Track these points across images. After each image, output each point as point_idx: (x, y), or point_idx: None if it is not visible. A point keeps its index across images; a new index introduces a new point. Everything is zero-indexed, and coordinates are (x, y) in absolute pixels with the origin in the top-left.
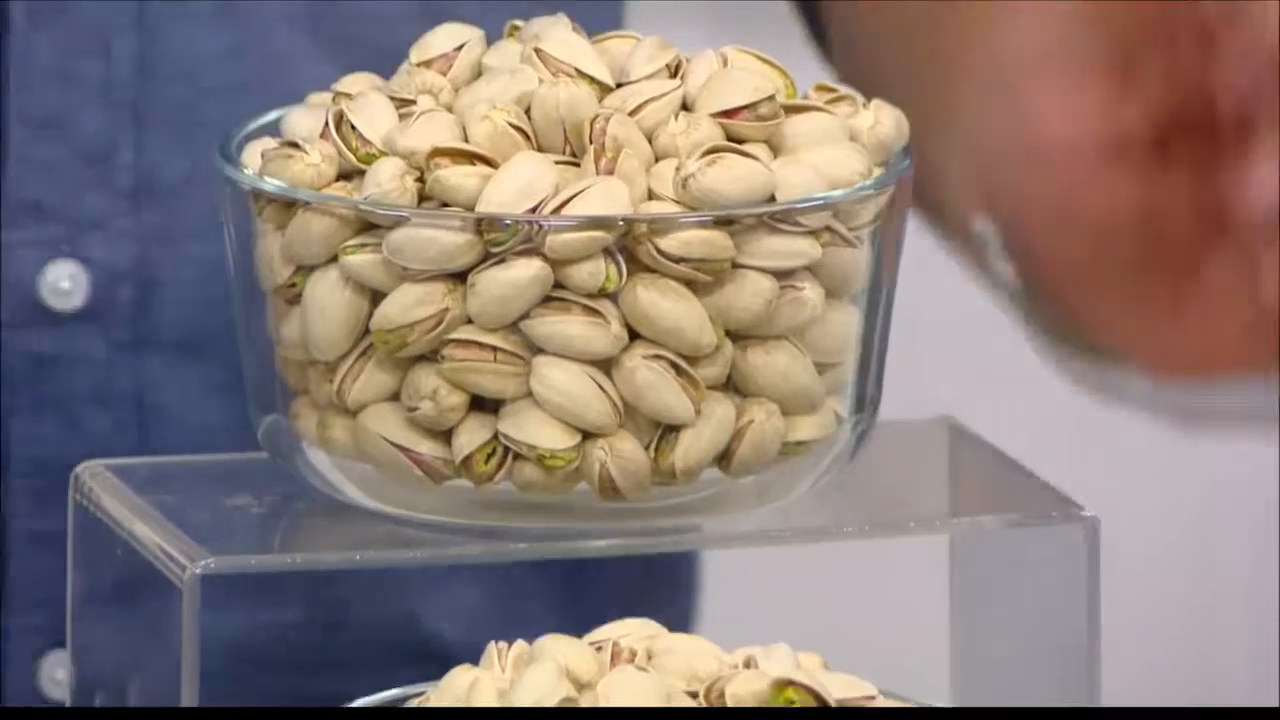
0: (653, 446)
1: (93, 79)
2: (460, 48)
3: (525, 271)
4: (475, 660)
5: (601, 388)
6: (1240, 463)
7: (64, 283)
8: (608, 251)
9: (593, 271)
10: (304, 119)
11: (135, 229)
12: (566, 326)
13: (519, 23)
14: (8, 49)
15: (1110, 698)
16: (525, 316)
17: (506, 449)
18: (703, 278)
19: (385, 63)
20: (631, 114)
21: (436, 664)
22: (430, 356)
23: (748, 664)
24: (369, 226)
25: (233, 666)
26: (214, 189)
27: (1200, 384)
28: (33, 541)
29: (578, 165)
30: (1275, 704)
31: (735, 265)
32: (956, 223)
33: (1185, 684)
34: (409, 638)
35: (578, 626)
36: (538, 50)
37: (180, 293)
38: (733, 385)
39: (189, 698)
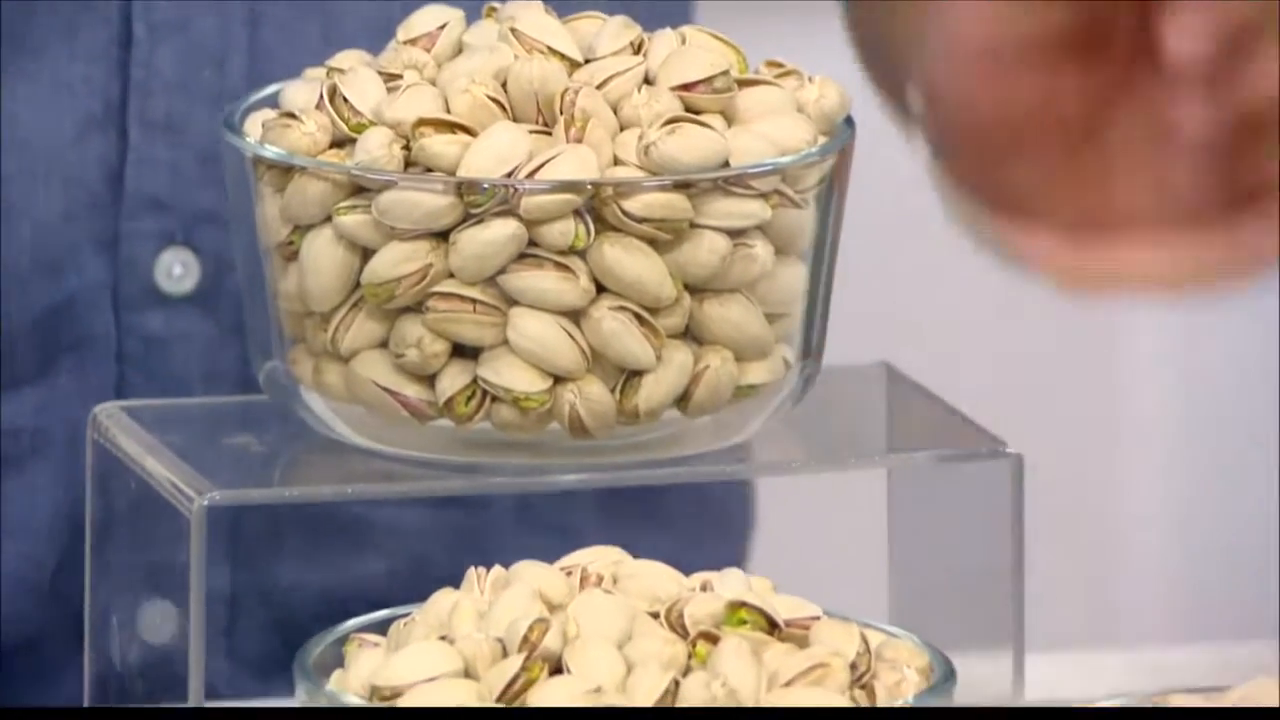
0: (618, 390)
1: (208, 89)
2: (442, 27)
3: (502, 231)
4: None
5: (571, 336)
6: (1150, 396)
7: (176, 269)
8: (577, 212)
9: (563, 231)
10: (300, 92)
11: None
12: (539, 281)
13: (496, 4)
14: (131, 61)
15: (1033, 610)
16: (502, 272)
17: (485, 392)
18: (663, 236)
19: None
20: (598, 87)
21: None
22: (415, 308)
23: (704, 587)
24: (360, 190)
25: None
26: (220, 156)
27: (1108, 247)
28: None
29: (549, 134)
30: (1182, 627)
31: (693, 225)
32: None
33: (1097, 605)
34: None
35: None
36: (513, 29)
37: None
38: (690, 334)
39: (196, 620)
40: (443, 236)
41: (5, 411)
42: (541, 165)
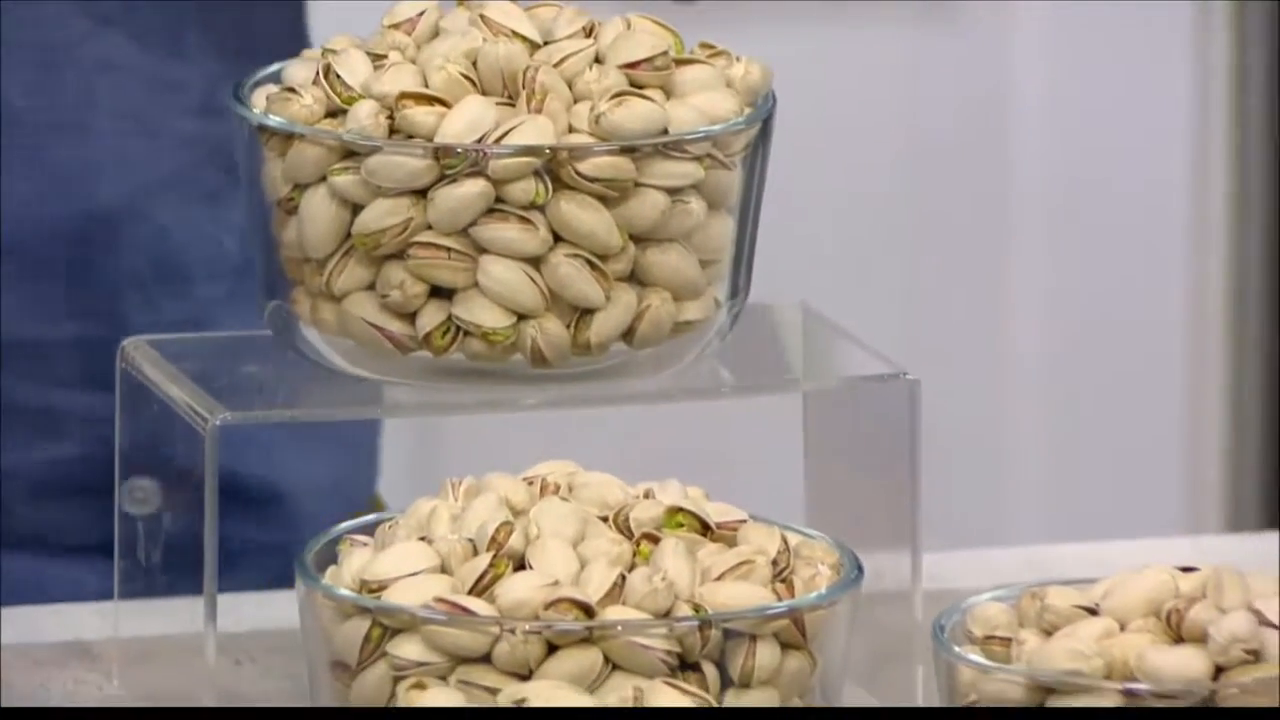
0: (572, 325)
1: None
2: (421, 14)
3: (472, 189)
4: None
5: (532, 279)
6: (1030, 328)
7: None
8: (537, 173)
9: (525, 189)
10: (299, 69)
11: None
12: (505, 231)
13: None
14: None
15: (929, 513)
16: (473, 224)
17: (458, 327)
18: (611, 194)
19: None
20: (556, 66)
21: None
22: (398, 255)
23: (647, 495)
24: (351, 154)
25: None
26: (229, 125)
27: None
28: None
29: (513, 106)
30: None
31: (636, 184)
32: None
33: (984, 509)
34: None
35: None
36: (482, 16)
37: None
38: (635, 277)
39: (210, 522)
40: (422, 194)
41: None
42: (506, 132)
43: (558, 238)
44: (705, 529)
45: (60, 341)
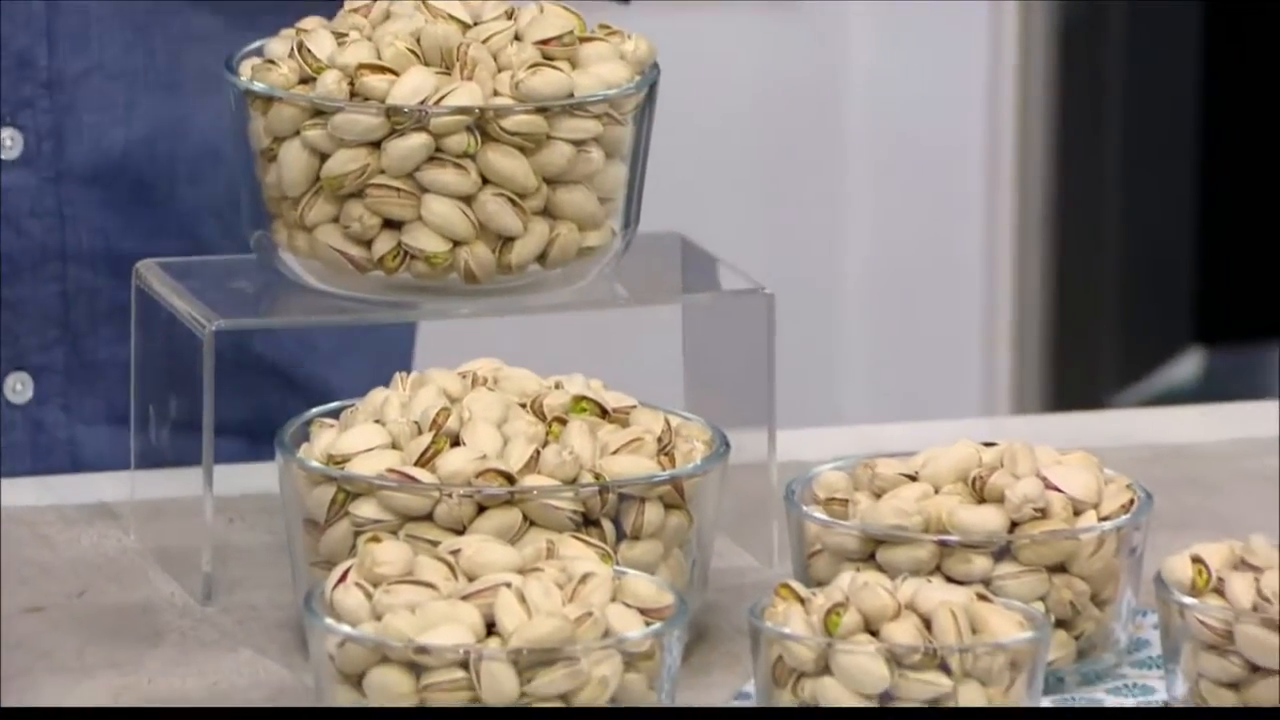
0: (497, 250)
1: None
2: (376, 0)
3: (417, 141)
4: None
5: (465, 213)
6: (859, 249)
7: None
8: (469, 128)
9: (459, 141)
10: (278, 45)
11: None
12: (443, 175)
13: None
14: None
15: (782, 398)
16: (417, 169)
17: (406, 252)
18: (528, 145)
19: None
20: (483, 42)
21: None
22: (358, 194)
23: (557, 386)
24: (319, 113)
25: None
26: (223, 90)
27: None
28: None
29: (449, 75)
30: (887, 410)
31: (548, 137)
32: None
33: (826, 395)
34: None
35: None
36: (425, 2)
37: None
38: (547, 212)
39: (208, 413)
40: (376, 145)
41: None
42: (444, 96)
43: (485, 180)
44: (604, 413)
45: (154, 255)
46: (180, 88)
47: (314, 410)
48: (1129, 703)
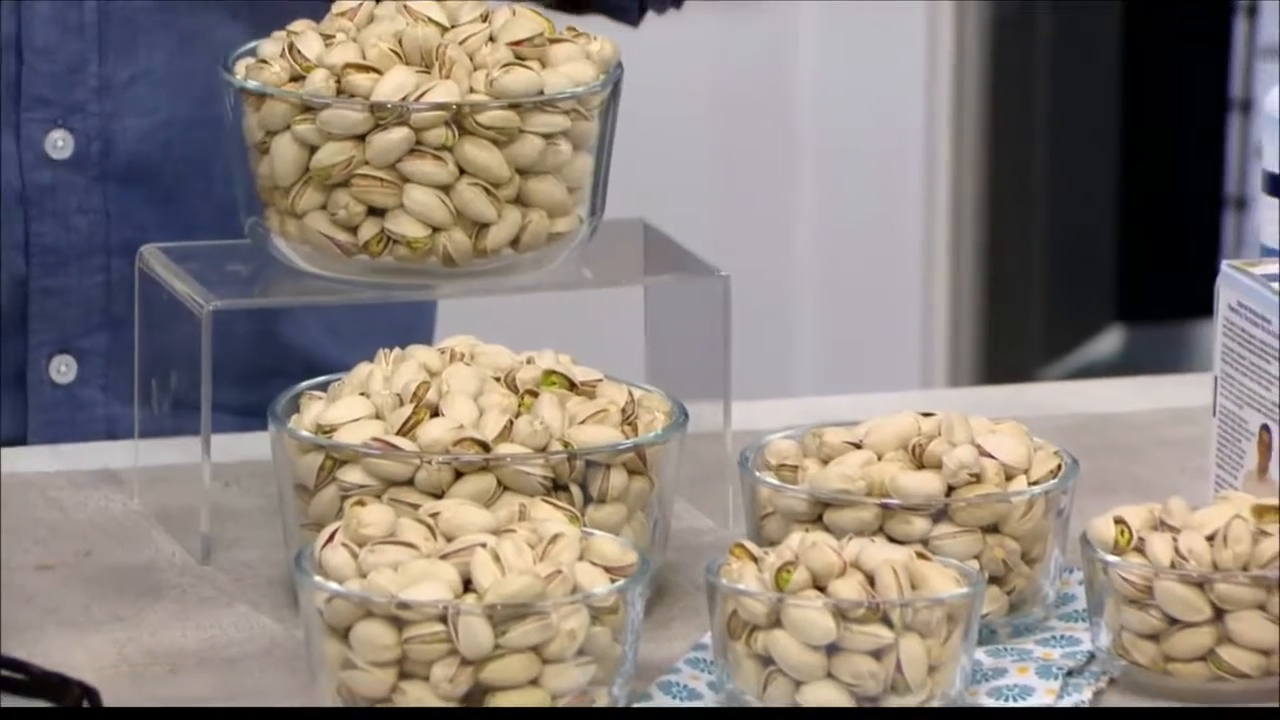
0: (473, 236)
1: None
2: (361, 5)
3: (399, 134)
4: None
5: (444, 201)
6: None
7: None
8: (447, 123)
9: (438, 134)
10: (271, 45)
11: None
12: (423, 166)
13: None
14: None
15: (737, 372)
16: (399, 160)
17: (389, 237)
18: (502, 139)
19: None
20: (460, 43)
21: None
22: (345, 184)
23: (529, 361)
24: (309, 109)
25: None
26: (220, 87)
27: None
28: None
29: (429, 73)
30: (834, 383)
31: (521, 131)
32: None
33: (777, 369)
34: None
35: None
36: (406, 7)
37: None
38: (520, 200)
39: (206, 385)
40: (362, 138)
41: None
42: (424, 93)
43: (462, 171)
44: (572, 386)
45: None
46: (216, 94)
47: (302, 384)
48: (1056, 653)
